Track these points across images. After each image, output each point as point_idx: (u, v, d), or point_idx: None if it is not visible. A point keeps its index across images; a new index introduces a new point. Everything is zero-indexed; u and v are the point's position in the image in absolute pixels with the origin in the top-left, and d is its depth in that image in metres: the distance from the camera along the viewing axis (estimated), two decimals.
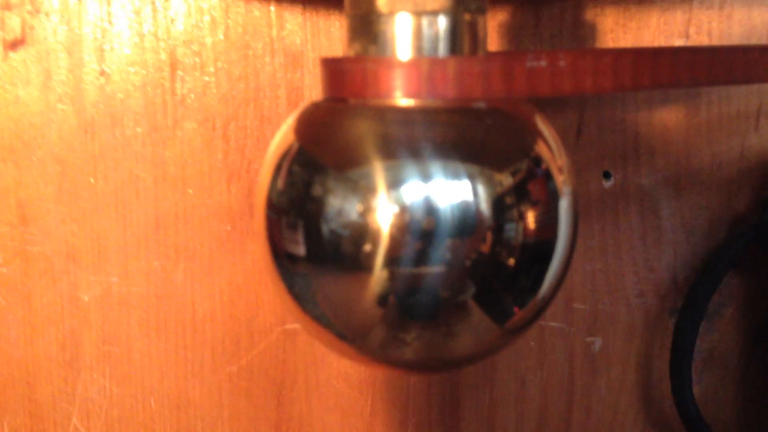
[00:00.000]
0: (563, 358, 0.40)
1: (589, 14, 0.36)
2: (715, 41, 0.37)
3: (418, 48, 0.21)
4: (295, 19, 0.36)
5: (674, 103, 0.38)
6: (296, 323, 0.27)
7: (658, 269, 0.39)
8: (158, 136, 0.37)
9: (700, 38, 0.37)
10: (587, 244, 0.38)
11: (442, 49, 0.21)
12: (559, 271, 0.23)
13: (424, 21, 0.21)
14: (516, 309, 0.22)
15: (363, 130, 0.21)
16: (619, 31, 0.37)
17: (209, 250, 0.38)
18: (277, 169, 0.22)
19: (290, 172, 0.22)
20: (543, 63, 0.21)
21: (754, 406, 0.41)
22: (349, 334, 0.23)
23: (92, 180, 0.38)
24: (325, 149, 0.22)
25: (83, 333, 0.39)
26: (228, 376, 0.39)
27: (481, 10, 0.22)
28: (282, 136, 0.23)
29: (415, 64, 0.20)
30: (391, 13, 0.21)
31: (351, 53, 0.22)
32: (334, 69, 0.22)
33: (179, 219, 0.38)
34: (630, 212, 0.38)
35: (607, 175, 0.38)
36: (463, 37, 0.21)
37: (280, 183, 0.22)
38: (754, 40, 0.37)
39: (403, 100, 0.21)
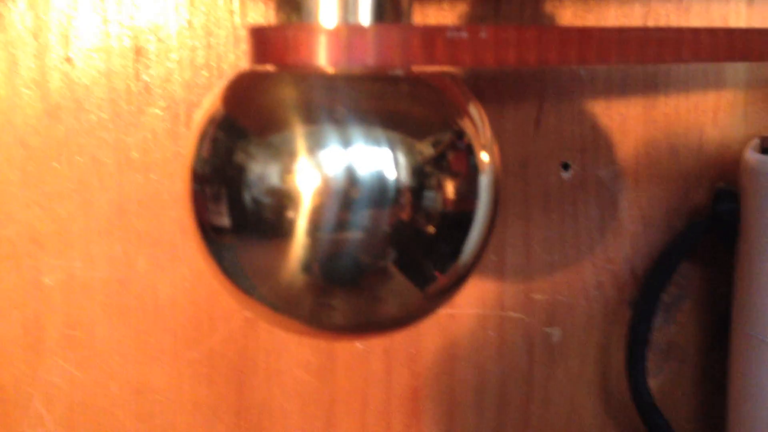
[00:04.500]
0: (522, 348, 0.40)
1: (548, 6, 0.37)
2: None
3: (341, 17, 0.22)
4: (257, 8, 0.37)
5: (633, 95, 0.38)
6: (230, 297, 0.27)
7: (616, 261, 0.39)
8: (122, 122, 0.38)
9: None
10: (546, 235, 0.39)
11: (365, 18, 0.22)
12: (478, 241, 0.23)
13: None
14: (437, 274, 0.23)
15: (284, 96, 0.21)
16: (577, 23, 0.37)
17: (172, 236, 0.39)
18: (202, 137, 0.22)
19: (214, 140, 0.22)
20: (464, 34, 0.21)
21: (713, 397, 0.41)
22: (278, 303, 0.23)
23: (56, 165, 0.38)
24: (247, 116, 0.22)
25: (46, 317, 0.39)
26: (189, 362, 0.40)
27: None
28: (208, 104, 0.23)
29: (335, 31, 0.21)
30: None
31: (276, 22, 0.23)
32: (259, 37, 0.22)
33: (142, 205, 0.38)
34: (588, 204, 0.39)
35: (565, 167, 0.38)
36: (385, 6, 0.22)
37: (204, 151, 0.22)
38: None
39: (325, 67, 0.21)
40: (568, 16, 0.37)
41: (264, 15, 0.37)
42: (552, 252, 0.39)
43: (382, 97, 0.21)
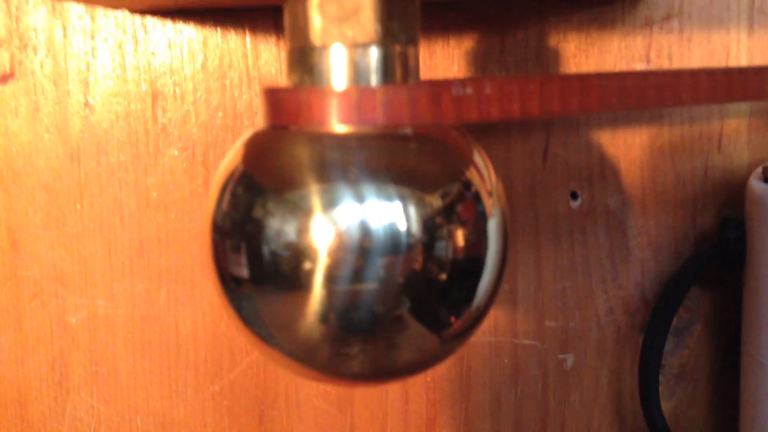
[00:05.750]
0: (537, 375, 0.41)
1: (552, 40, 0.38)
2: (675, 64, 0.38)
3: (351, 78, 0.23)
4: (269, 50, 0.38)
5: (638, 125, 0.39)
6: (249, 345, 0.28)
7: (626, 287, 0.40)
8: (141, 163, 0.39)
9: (660, 62, 0.38)
10: (557, 263, 0.40)
11: (374, 79, 0.23)
12: (491, 284, 0.24)
13: (356, 53, 0.22)
14: (452, 319, 0.23)
15: (299, 155, 0.22)
16: (581, 56, 0.38)
17: (191, 272, 0.40)
18: (222, 192, 0.23)
19: (234, 195, 0.23)
20: (469, 90, 0.22)
21: (725, 419, 0.41)
22: (296, 352, 0.24)
23: (78, 206, 0.39)
24: (265, 173, 0.23)
25: (71, 354, 0.40)
26: (211, 395, 0.41)
27: (412, 42, 0.23)
28: (228, 161, 0.24)
29: (345, 93, 0.22)
30: (324, 47, 0.23)
31: (290, 84, 0.24)
32: (273, 98, 0.23)
33: (162, 243, 0.39)
34: (597, 231, 0.39)
35: (574, 196, 0.39)
36: (394, 67, 0.23)
37: (225, 205, 0.23)
38: (713, 63, 0.38)
39: (337, 127, 0.22)
40: (572, 49, 0.38)
41: (276, 57, 0.38)
42: (563, 279, 0.40)
43: (392, 155, 0.22)
